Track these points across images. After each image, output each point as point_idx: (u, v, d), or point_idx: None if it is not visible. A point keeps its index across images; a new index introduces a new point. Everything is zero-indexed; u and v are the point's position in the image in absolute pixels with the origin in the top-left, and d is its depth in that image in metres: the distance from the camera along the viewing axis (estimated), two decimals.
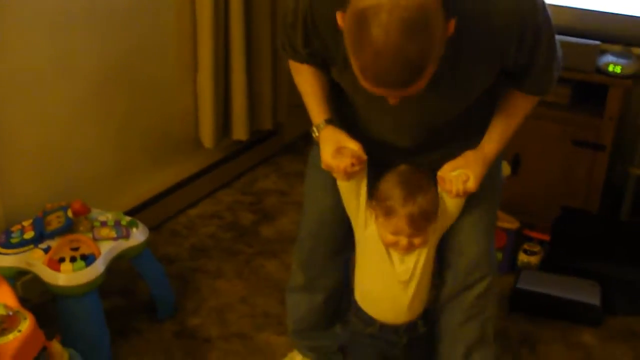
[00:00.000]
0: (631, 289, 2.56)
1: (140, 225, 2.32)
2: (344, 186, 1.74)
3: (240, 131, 3.22)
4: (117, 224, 2.27)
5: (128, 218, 2.33)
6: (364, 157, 1.69)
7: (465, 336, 1.99)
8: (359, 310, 1.89)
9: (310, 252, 1.85)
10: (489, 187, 1.83)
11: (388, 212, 1.69)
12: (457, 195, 1.70)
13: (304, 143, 3.57)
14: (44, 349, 1.94)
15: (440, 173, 1.72)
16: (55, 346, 1.98)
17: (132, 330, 2.41)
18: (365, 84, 1.40)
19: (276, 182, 3.40)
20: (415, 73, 1.35)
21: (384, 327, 1.87)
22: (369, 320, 1.87)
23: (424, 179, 1.69)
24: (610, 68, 2.72)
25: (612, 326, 2.51)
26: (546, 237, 2.78)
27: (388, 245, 1.74)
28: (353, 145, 1.69)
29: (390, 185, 1.69)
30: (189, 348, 2.35)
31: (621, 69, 2.71)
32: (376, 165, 1.73)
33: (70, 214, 2.22)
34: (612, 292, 2.54)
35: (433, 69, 1.38)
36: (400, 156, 1.77)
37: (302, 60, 1.76)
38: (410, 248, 1.72)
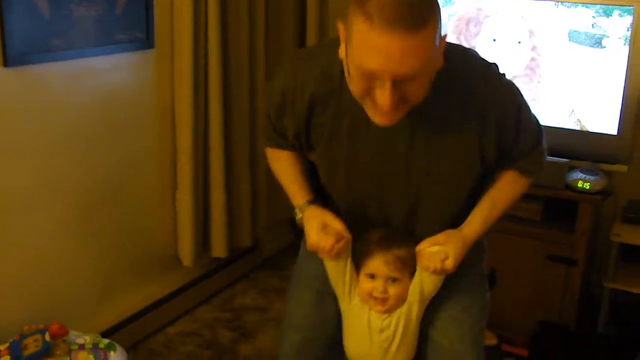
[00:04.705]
0: None
1: (119, 349, 2.30)
2: (330, 266, 1.76)
3: (219, 249, 3.23)
4: (95, 347, 2.26)
5: (106, 341, 2.31)
6: (348, 236, 1.70)
7: None
8: None
9: None
10: (479, 305, 1.87)
11: (366, 254, 1.73)
12: (435, 272, 1.70)
13: (282, 258, 3.58)
14: None
15: (419, 247, 1.72)
16: None
17: None
18: (369, 37, 1.35)
19: (255, 299, 3.39)
20: (420, 19, 1.34)
21: None
22: None
23: (403, 236, 1.74)
24: (580, 184, 2.80)
25: None
26: (524, 353, 2.78)
27: (365, 297, 1.75)
28: (337, 225, 1.70)
29: (372, 233, 1.75)
30: None
31: (590, 185, 2.79)
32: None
33: (47, 337, 2.20)
34: None
35: (432, 53, 1.38)
36: None
37: (286, 146, 1.78)
38: (385, 298, 1.73)
